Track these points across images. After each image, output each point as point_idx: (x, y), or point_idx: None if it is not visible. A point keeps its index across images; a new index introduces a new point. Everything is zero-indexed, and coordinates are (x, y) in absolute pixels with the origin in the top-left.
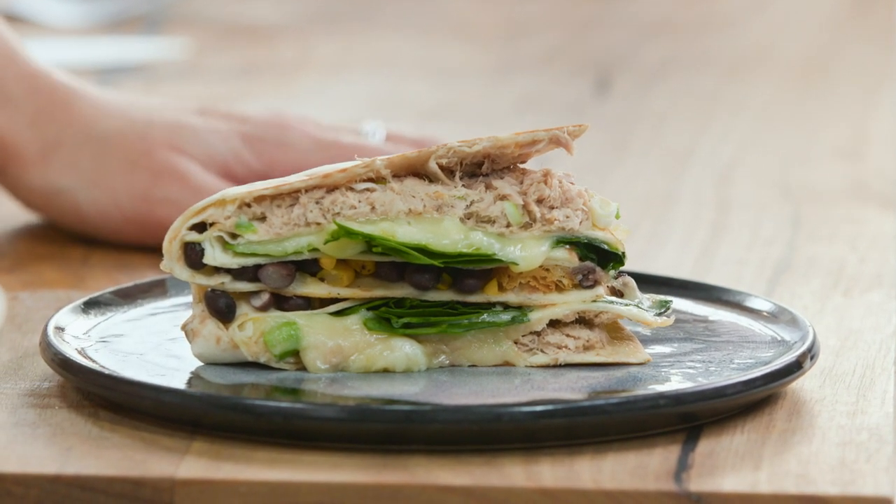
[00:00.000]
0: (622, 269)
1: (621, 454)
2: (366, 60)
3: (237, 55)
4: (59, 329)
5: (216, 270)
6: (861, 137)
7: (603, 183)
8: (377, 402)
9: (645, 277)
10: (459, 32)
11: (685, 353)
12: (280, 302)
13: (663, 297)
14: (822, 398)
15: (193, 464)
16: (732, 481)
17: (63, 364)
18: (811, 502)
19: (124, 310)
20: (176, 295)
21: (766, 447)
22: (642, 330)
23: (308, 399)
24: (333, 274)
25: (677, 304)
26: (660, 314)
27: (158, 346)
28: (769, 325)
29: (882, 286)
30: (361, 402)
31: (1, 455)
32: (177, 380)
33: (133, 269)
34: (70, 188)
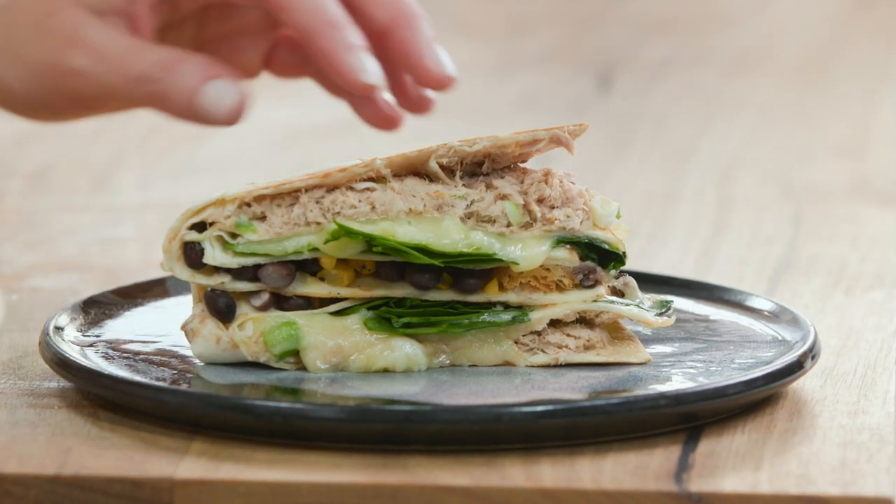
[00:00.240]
0: (623, 268)
1: (622, 454)
2: None
3: None
4: (59, 329)
5: (216, 270)
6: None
7: (604, 181)
8: (377, 402)
9: (646, 276)
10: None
11: (686, 353)
12: (280, 302)
13: (664, 297)
14: (824, 398)
15: (193, 464)
16: (733, 482)
17: (62, 364)
18: (812, 502)
19: (124, 309)
20: (176, 295)
21: (766, 447)
22: (643, 330)
23: (308, 399)
24: (333, 273)
25: (678, 303)
26: (661, 314)
27: (158, 346)
28: (770, 325)
29: (883, 285)
30: (361, 402)
31: (0, 455)
32: (176, 380)
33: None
34: None
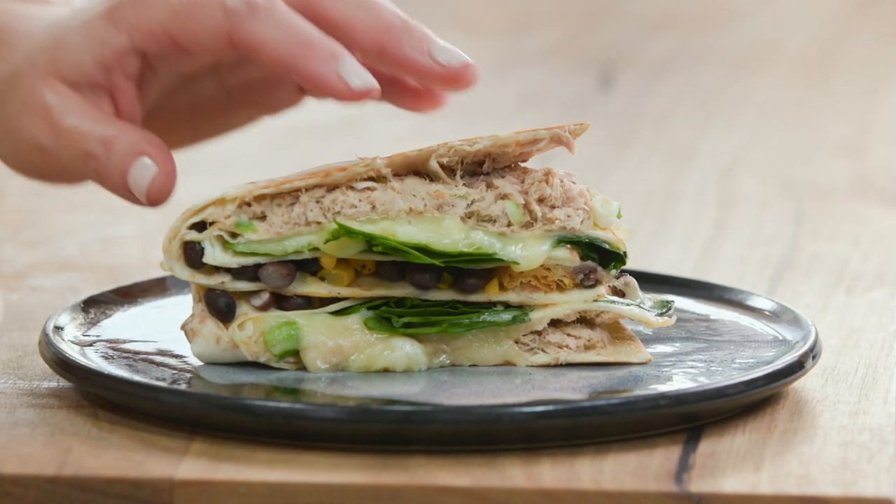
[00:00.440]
0: (623, 268)
1: (622, 455)
2: None
3: None
4: (59, 328)
5: (216, 270)
6: (865, 134)
7: (605, 180)
8: (377, 402)
9: (646, 276)
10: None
11: (687, 353)
12: (280, 301)
13: (665, 297)
14: (824, 398)
15: (193, 464)
16: (733, 482)
17: (62, 364)
18: (812, 503)
19: (124, 309)
20: (176, 294)
21: (767, 447)
22: (643, 329)
23: (308, 399)
24: (334, 273)
25: (679, 302)
26: (661, 314)
27: (158, 346)
28: (771, 325)
29: (885, 284)
30: (361, 402)
31: None
32: (176, 380)
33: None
34: None
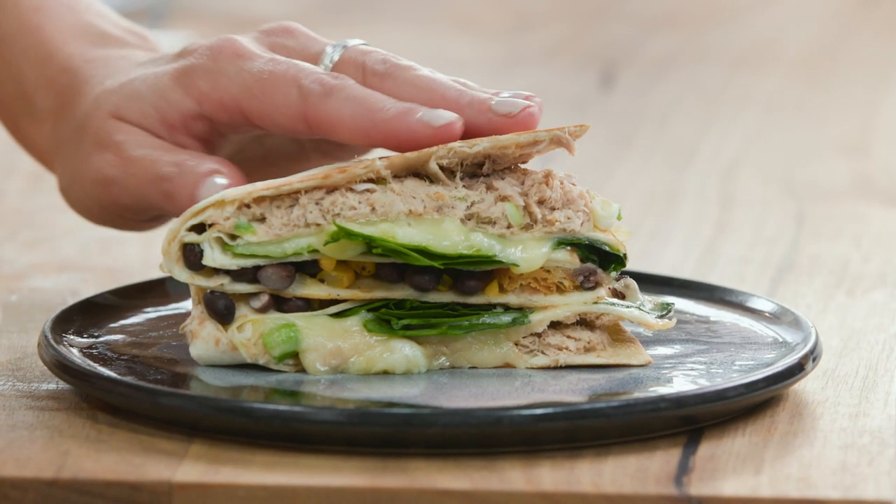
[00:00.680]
0: (623, 270)
1: (622, 457)
2: None
3: None
4: (58, 330)
5: (215, 272)
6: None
7: (606, 179)
8: (377, 405)
9: (646, 277)
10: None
11: (687, 355)
12: (279, 303)
13: (665, 300)
14: (825, 400)
15: (191, 467)
16: (733, 485)
17: (61, 366)
18: None
19: (123, 311)
20: (175, 296)
21: (767, 450)
22: (643, 331)
23: (307, 402)
24: (333, 275)
25: (678, 304)
26: (661, 316)
27: (157, 348)
28: (771, 326)
29: (886, 285)
30: (361, 405)
31: None
32: (175, 382)
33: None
34: (65, 186)
